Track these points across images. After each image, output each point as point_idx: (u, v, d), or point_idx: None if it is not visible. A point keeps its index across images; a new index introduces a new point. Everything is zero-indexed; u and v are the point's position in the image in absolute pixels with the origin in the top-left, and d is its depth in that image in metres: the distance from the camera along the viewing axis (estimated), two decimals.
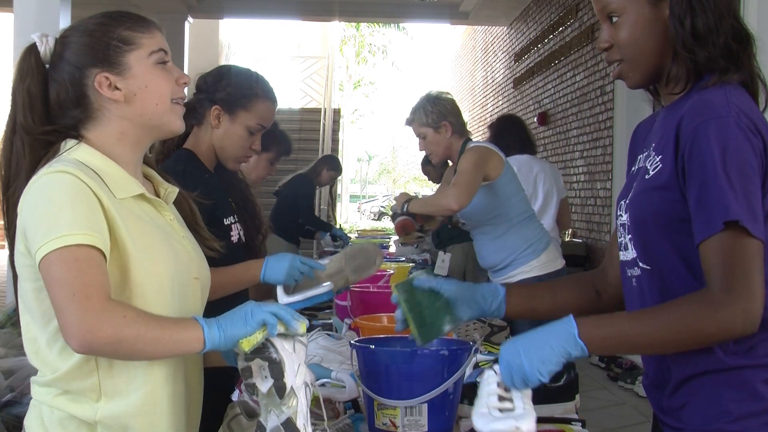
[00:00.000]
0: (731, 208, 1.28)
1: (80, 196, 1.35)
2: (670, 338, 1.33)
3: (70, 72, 1.46)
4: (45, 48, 1.47)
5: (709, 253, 1.31)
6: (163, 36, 1.53)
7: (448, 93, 3.61)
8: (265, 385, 1.39)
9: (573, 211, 7.76)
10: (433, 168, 5.96)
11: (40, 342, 1.42)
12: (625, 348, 1.42)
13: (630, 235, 1.47)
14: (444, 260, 4.61)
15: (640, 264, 1.45)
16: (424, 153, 3.63)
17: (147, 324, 1.32)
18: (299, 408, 1.40)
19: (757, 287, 1.29)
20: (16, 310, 3.81)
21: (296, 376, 1.42)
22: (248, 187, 2.49)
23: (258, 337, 1.40)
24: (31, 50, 1.48)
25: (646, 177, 1.44)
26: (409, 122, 3.52)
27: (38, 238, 1.32)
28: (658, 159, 1.42)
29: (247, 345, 1.39)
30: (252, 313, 1.40)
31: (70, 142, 1.46)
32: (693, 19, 1.39)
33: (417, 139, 3.52)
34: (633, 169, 1.55)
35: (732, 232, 1.29)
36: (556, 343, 1.33)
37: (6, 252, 1.51)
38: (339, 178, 9.86)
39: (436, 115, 3.42)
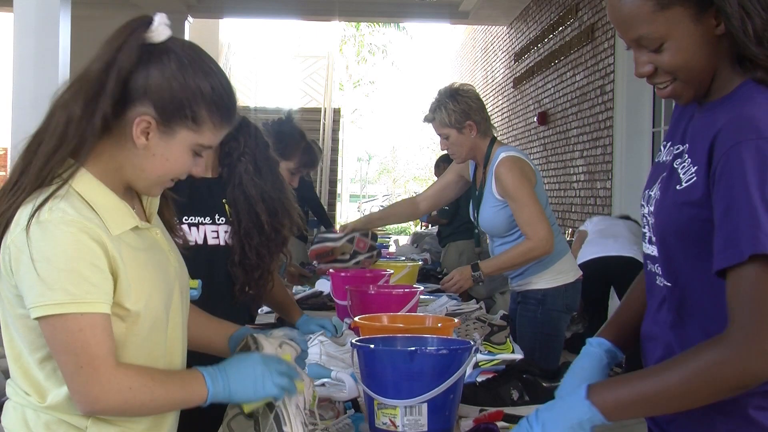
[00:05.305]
0: (762, 240, 1.19)
1: (84, 254, 1.30)
2: (690, 391, 1.26)
3: (135, 83, 1.36)
4: (156, 35, 1.42)
5: (734, 286, 1.23)
6: (227, 130, 1.45)
7: (470, 85, 3.33)
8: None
9: (573, 210, 7.76)
10: (445, 166, 5.90)
11: (29, 361, 1.38)
12: (643, 407, 1.31)
13: (653, 235, 1.42)
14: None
15: (664, 281, 1.41)
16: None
17: (152, 391, 1.35)
18: None
19: None
20: None
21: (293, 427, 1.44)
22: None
23: (261, 404, 1.43)
24: (141, 25, 1.41)
25: (678, 188, 1.35)
26: (429, 120, 3.24)
27: (39, 295, 1.28)
28: (693, 170, 1.32)
29: (248, 408, 1.43)
30: (263, 382, 1.41)
31: (68, 163, 1.36)
32: (752, 22, 1.28)
33: (438, 138, 3.28)
34: (660, 158, 1.46)
35: (761, 265, 1.20)
36: (572, 415, 1.30)
37: None
38: (339, 178, 9.85)
39: (460, 114, 3.14)
